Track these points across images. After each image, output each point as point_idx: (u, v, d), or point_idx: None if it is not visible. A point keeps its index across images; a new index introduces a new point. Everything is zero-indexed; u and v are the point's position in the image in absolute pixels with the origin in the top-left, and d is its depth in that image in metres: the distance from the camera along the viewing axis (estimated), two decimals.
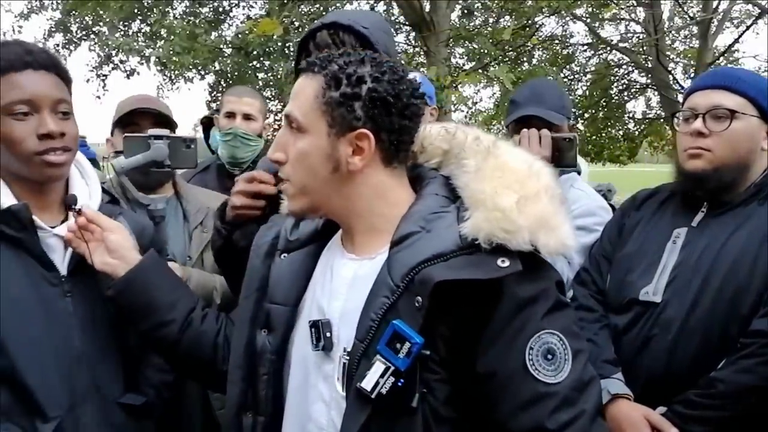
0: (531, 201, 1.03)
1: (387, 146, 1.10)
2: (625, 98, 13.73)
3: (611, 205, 2.26)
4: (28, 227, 1.33)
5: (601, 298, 1.75)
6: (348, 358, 1.06)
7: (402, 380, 0.98)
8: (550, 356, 1.00)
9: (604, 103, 13.43)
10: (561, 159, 1.95)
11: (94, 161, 2.89)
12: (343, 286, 1.13)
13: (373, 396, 0.98)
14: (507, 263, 0.99)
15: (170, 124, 2.03)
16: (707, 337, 1.52)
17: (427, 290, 0.98)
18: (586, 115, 13.53)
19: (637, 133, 14.55)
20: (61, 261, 1.38)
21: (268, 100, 11.35)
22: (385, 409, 1.00)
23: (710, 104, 1.61)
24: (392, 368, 0.98)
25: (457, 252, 1.01)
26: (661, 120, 13.24)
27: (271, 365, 1.19)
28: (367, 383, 0.99)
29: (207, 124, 3.23)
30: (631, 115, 14.54)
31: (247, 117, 2.68)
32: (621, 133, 14.60)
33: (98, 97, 11.11)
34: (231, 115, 2.64)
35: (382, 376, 0.98)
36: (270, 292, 1.22)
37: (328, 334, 1.10)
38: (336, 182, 1.10)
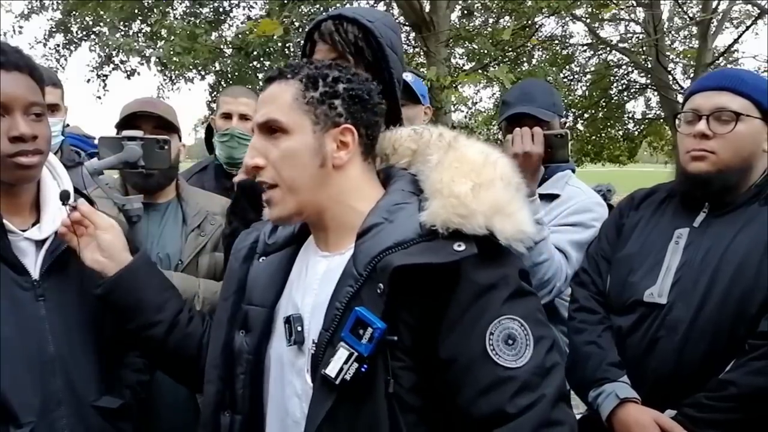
0: (485, 188, 1.07)
1: (365, 141, 1.17)
2: (625, 98, 13.75)
3: (610, 206, 2.27)
4: None
5: (602, 300, 1.74)
6: (315, 348, 1.08)
7: (365, 366, 1.01)
8: (510, 341, 1.02)
9: (604, 103, 13.44)
10: (554, 155, 1.97)
11: None
12: (315, 282, 1.17)
13: (337, 382, 1.01)
14: (463, 247, 1.02)
15: (172, 128, 2.02)
16: (715, 338, 1.52)
17: (387, 276, 1.01)
18: (586, 115, 13.55)
19: (636, 133, 14.57)
20: (33, 265, 1.35)
21: None
22: (350, 397, 1.02)
23: (714, 106, 1.60)
24: (355, 354, 1.00)
25: (417, 239, 1.05)
26: (661, 120, 13.25)
27: (248, 365, 1.21)
28: (332, 370, 1.01)
29: (210, 127, 3.29)
30: (630, 115, 14.58)
31: (243, 117, 2.68)
32: (621, 133, 14.62)
33: (99, 98, 11.12)
34: (227, 116, 2.64)
35: (345, 362, 1.01)
36: (248, 294, 1.25)
37: (299, 329, 1.13)
38: (322, 178, 1.14)
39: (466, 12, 10.30)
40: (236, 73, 10.06)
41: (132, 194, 1.98)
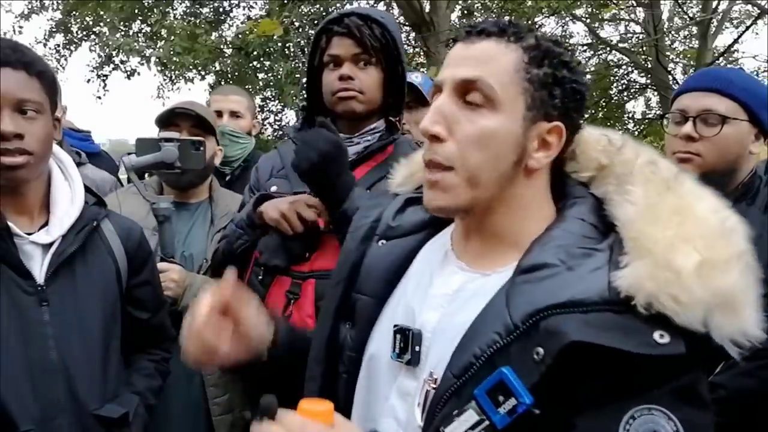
0: (718, 270, 0.78)
1: (564, 148, 0.93)
2: (625, 98, 13.74)
3: None
4: (2, 234, 1.28)
5: None
6: (435, 387, 0.88)
7: None
8: None
9: (604, 103, 13.43)
10: None
11: (98, 156, 2.93)
12: (443, 297, 0.94)
13: None
14: (666, 339, 0.76)
15: (209, 129, 2.04)
16: None
17: (556, 347, 0.77)
18: (586, 115, 13.55)
19: (636, 133, 14.56)
20: (38, 269, 1.32)
21: (268, 101, 11.33)
22: None
23: (701, 108, 1.58)
24: (487, 423, 0.80)
25: (601, 305, 0.78)
26: (661, 120, 13.24)
27: (350, 364, 1.04)
28: (453, 430, 0.82)
29: None
30: (630, 115, 14.57)
31: (234, 114, 2.70)
32: (621, 133, 14.62)
33: (99, 98, 11.14)
34: (218, 113, 2.64)
35: (472, 428, 0.80)
36: (360, 281, 1.06)
37: (417, 348, 0.93)
38: (510, 177, 0.90)
39: (466, 12, 10.30)
40: (236, 73, 10.08)
41: (167, 192, 2.03)
